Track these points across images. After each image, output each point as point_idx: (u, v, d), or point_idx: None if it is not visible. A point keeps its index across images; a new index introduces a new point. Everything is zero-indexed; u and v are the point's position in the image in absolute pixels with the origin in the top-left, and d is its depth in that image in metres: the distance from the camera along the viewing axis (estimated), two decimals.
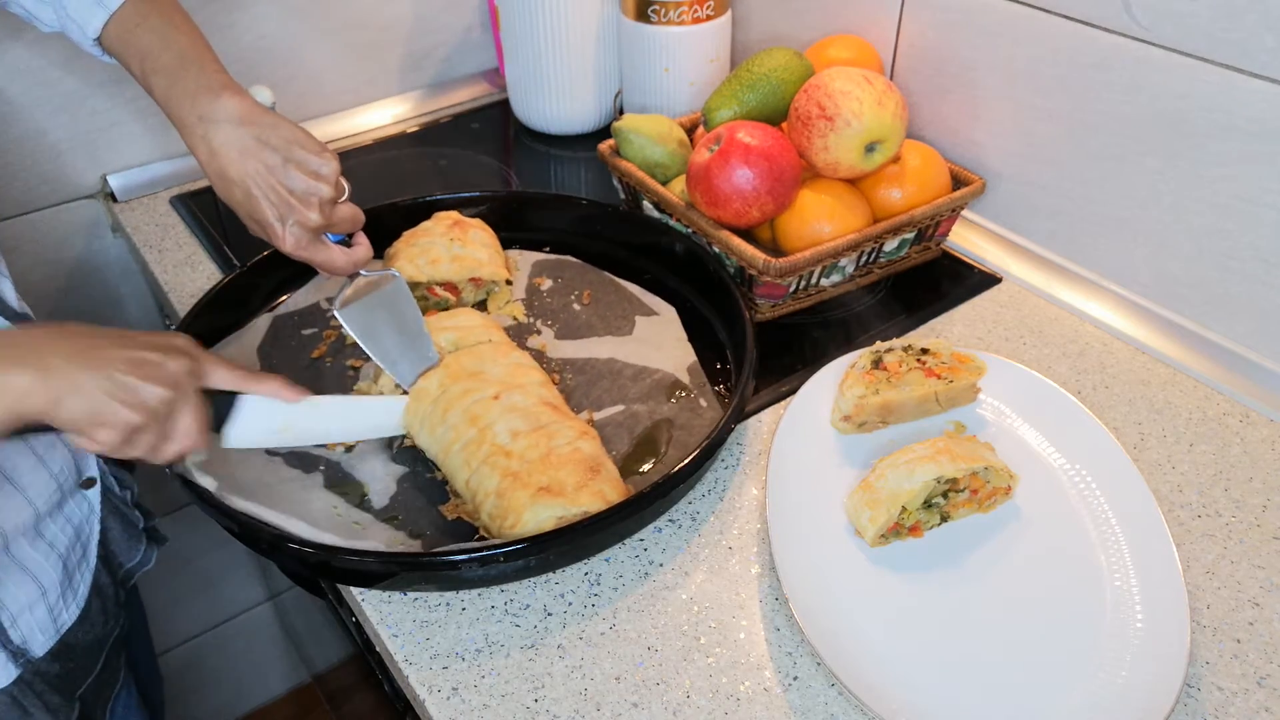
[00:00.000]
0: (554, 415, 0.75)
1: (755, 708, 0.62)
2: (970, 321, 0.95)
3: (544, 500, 0.68)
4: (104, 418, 0.58)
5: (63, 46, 1.08)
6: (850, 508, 0.72)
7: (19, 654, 0.72)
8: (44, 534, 0.77)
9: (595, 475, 0.70)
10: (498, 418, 0.73)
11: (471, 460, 0.72)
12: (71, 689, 0.79)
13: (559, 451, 0.71)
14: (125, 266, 1.23)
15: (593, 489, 0.69)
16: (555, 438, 0.72)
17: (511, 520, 0.68)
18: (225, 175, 0.74)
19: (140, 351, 0.60)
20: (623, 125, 0.99)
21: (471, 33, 1.39)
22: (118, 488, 0.89)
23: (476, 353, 0.80)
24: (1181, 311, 0.90)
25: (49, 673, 0.76)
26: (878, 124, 0.88)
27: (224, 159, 0.74)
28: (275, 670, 1.73)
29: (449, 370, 0.78)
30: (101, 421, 0.58)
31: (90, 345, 0.59)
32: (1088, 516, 0.73)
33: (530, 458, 0.71)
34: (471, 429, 0.73)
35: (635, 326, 0.91)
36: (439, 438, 0.75)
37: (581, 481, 0.69)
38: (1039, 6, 0.91)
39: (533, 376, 0.79)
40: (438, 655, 0.66)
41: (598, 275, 0.97)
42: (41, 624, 0.75)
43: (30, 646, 0.74)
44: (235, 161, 0.74)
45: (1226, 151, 0.82)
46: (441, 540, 0.71)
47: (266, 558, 0.78)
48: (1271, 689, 0.63)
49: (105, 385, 0.58)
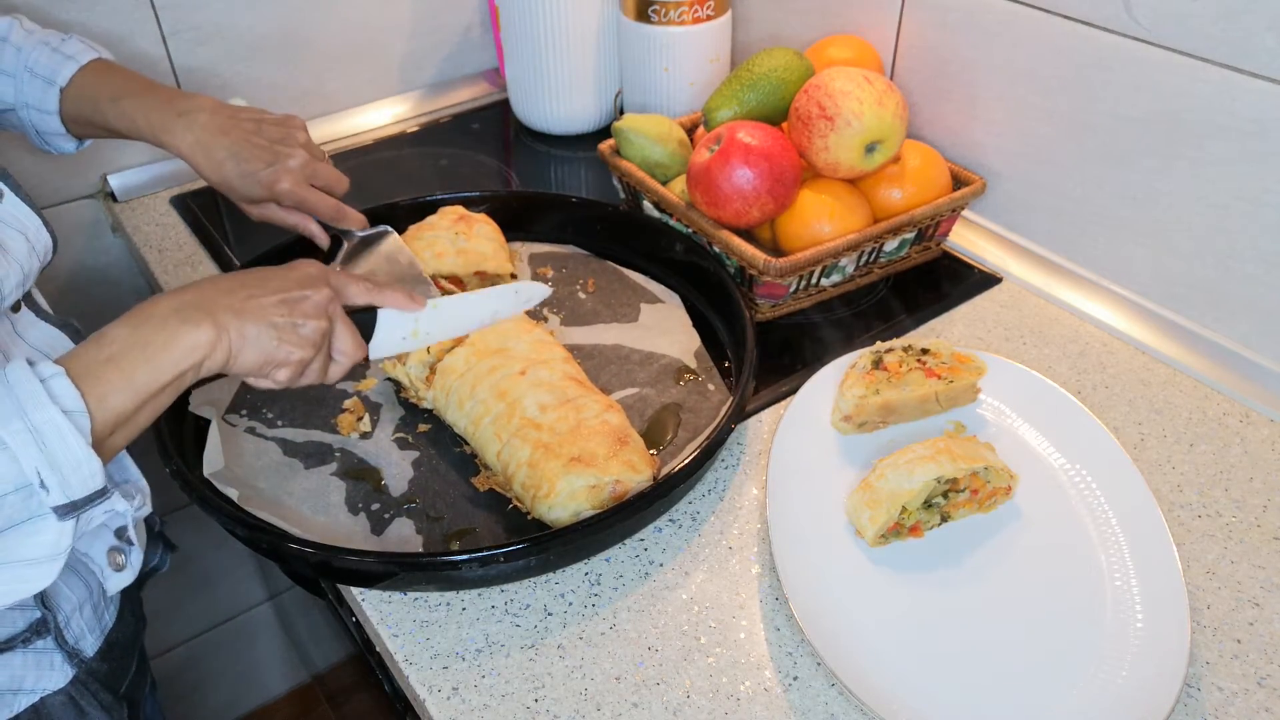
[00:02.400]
0: (580, 390, 0.77)
1: (755, 708, 0.62)
2: (970, 321, 0.95)
3: (576, 470, 0.70)
4: (276, 359, 0.62)
5: None
6: (850, 508, 0.72)
7: (74, 654, 0.73)
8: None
9: (624, 445, 0.73)
10: (526, 392, 0.76)
11: (502, 433, 0.74)
12: (116, 688, 0.79)
13: (588, 424, 0.73)
14: (125, 266, 1.23)
15: (622, 458, 0.72)
16: (583, 410, 0.75)
17: (545, 489, 0.70)
18: (212, 153, 0.83)
19: (288, 291, 0.64)
20: (623, 125, 0.99)
21: (471, 33, 1.39)
22: None
23: (500, 330, 0.81)
24: (1181, 311, 0.90)
25: (99, 672, 0.76)
26: (878, 124, 0.88)
27: (208, 138, 0.83)
28: (275, 670, 1.73)
29: (474, 347, 0.80)
30: (275, 363, 0.62)
31: (247, 296, 0.62)
32: (1088, 516, 0.73)
33: (560, 430, 0.73)
34: (500, 403, 0.75)
35: (640, 313, 0.92)
36: (468, 412, 0.77)
37: (611, 451, 0.72)
38: (1039, 6, 0.91)
39: (556, 352, 0.81)
40: (438, 655, 0.66)
41: (600, 265, 0.98)
42: (89, 624, 0.75)
43: (83, 647, 0.75)
44: (217, 136, 0.83)
45: (1226, 151, 0.82)
46: (460, 521, 0.73)
47: (267, 558, 0.78)
48: (1271, 689, 0.63)
49: (269, 333, 0.61)
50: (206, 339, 0.58)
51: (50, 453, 0.50)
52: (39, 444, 0.50)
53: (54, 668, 0.71)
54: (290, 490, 0.75)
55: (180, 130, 0.83)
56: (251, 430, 0.80)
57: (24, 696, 0.70)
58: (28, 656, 0.69)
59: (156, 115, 0.83)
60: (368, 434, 0.81)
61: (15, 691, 0.69)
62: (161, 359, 0.56)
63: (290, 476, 0.76)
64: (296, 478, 0.76)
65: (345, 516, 0.73)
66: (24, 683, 0.69)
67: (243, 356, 0.60)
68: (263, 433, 0.80)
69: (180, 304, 0.59)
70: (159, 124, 0.83)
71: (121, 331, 0.56)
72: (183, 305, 0.59)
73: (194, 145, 0.83)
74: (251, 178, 0.83)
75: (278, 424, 0.81)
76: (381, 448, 0.79)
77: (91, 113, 0.85)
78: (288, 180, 0.84)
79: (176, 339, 0.57)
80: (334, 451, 0.79)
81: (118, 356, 0.55)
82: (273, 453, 0.78)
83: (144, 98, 0.84)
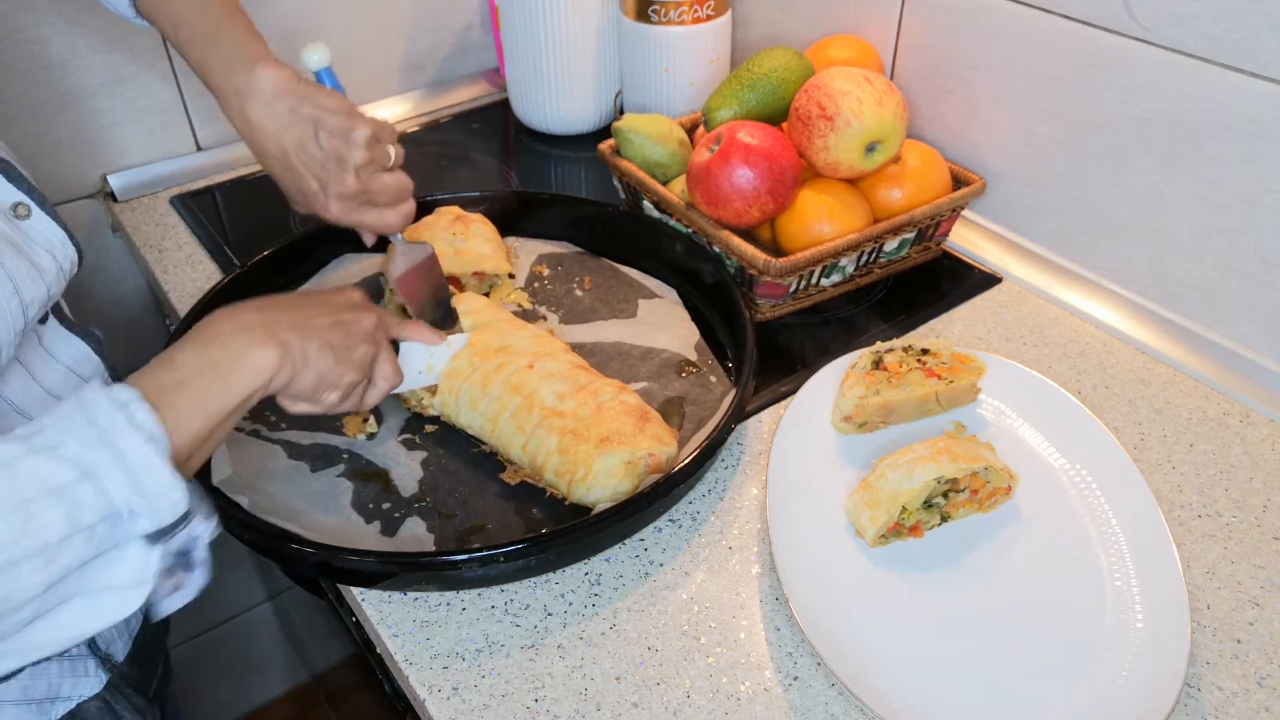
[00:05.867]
0: (590, 376, 0.78)
1: (755, 708, 0.62)
2: (970, 321, 0.95)
3: (609, 449, 0.71)
4: (329, 381, 0.62)
5: (62, 46, 1.08)
6: (850, 508, 0.72)
7: (106, 659, 0.73)
8: None
9: (647, 422, 0.74)
10: (539, 384, 0.76)
11: (525, 426, 0.75)
12: (146, 691, 0.79)
13: (608, 406, 0.75)
14: (125, 266, 1.23)
15: (649, 433, 0.73)
16: (600, 394, 0.76)
17: (582, 472, 0.71)
18: (264, 149, 0.75)
19: (338, 314, 0.64)
20: (623, 125, 0.99)
21: (471, 33, 1.39)
22: None
23: (496, 329, 0.82)
24: (1181, 311, 0.90)
25: (130, 675, 0.76)
26: (878, 124, 0.88)
27: (261, 133, 0.74)
28: (275, 670, 1.73)
29: (477, 348, 0.80)
30: (327, 385, 0.62)
31: (304, 317, 0.61)
32: (1088, 516, 0.73)
33: (583, 415, 0.74)
34: (516, 398, 0.76)
35: (638, 309, 0.93)
36: (483, 411, 0.77)
37: (637, 428, 0.73)
38: (1039, 6, 0.91)
39: (556, 344, 0.82)
40: (438, 655, 0.66)
41: (596, 262, 0.99)
42: (119, 628, 0.75)
43: (114, 651, 0.74)
44: (272, 136, 0.74)
45: (1226, 151, 0.82)
46: (473, 519, 0.74)
47: (267, 558, 0.78)
48: (1271, 689, 0.63)
49: (326, 353, 0.61)
50: (273, 359, 0.58)
51: (137, 480, 0.49)
52: (126, 472, 0.49)
53: (88, 674, 0.71)
54: (299, 493, 0.75)
55: (234, 109, 0.74)
56: (256, 434, 0.80)
57: (61, 704, 0.69)
58: (63, 664, 0.69)
59: (212, 78, 0.75)
60: (373, 435, 0.80)
61: (54, 700, 0.69)
62: (231, 380, 0.56)
63: (298, 479, 0.76)
64: (304, 480, 0.76)
65: (356, 518, 0.73)
66: (61, 690, 0.69)
67: (302, 377, 0.60)
68: (268, 436, 0.80)
69: (244, 323, 0.58)
70: (214, 87, 0.75)
71: (190, 353, 0.56)
72: (247, 324, 0.58)
73: (246, 130, 0.75)
74: (298, 192, 0.77)
75: (281, 427, 0.81)
76: (389, 449, 0.79)
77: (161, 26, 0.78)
78: (336, 207, 0.76)
79: (244, 359, 0.57)
80: (341, 453, 0.79)
81: (189, 380, 0.54)
82: (279, 456, 0.78)
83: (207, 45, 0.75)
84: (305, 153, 0.74)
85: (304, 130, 0.73)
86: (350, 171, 0.74)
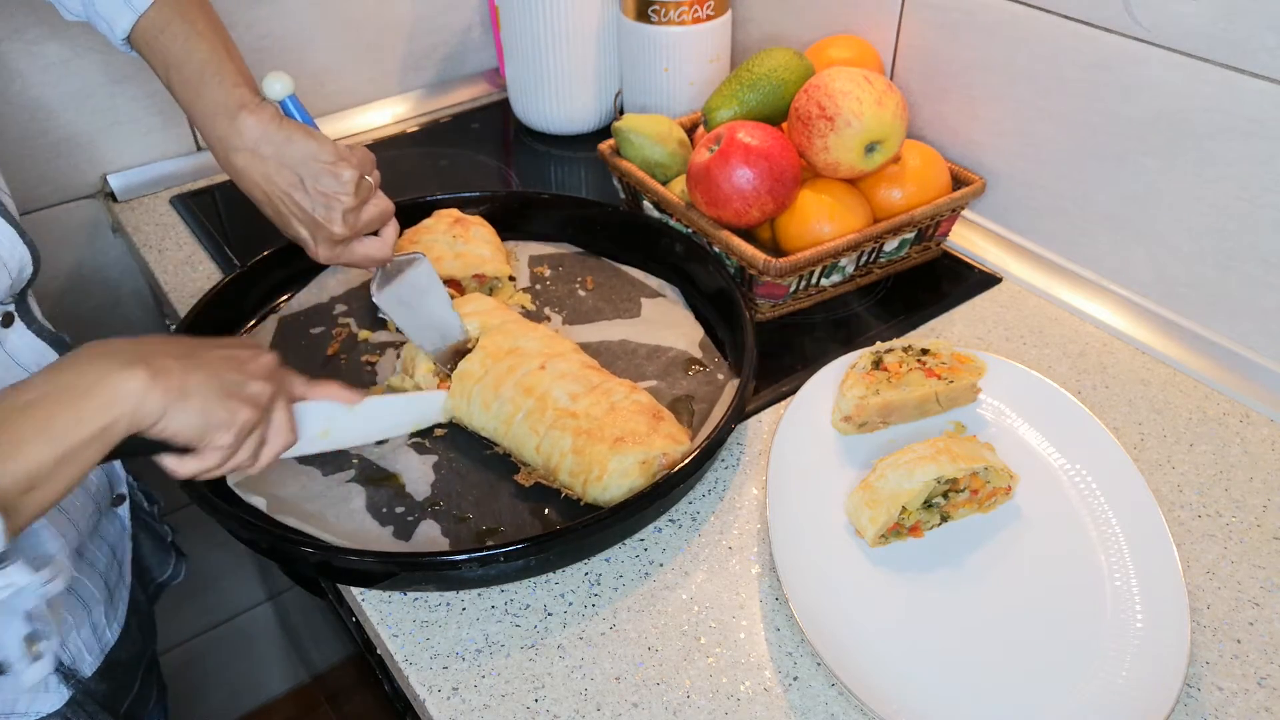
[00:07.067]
0: (601, 376, 0.78)
1: (755, 708, 0.62)
2: (970, 321, 0.95)
3: (623, 449, 0.71)
4: (218, 419, 0.56)
5: (63, 46, 1.08)
6: (850, 508, 0.72)
7: (70, 675, 0.71)
8: (84, 554, 0.76)
9: (660, 421, 0.75)
10: (552, 385, 0.76)
11: (538, 427, 0.75)
12: (117, 708, 0.77)
13: (621, 406, 0.75)
14: (125, 266, 1.23)
15: (663, 432, 0.73)
16: (612, 394, 0.76)
17: (597, 472, 0.71)
18: (252, 195, 0.77)
19: (232, 350, 0.59)
20: (623, 125, 0.99)
21: (471, 33, 1.39)
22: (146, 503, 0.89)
23: (506, 330, 0.82)
24: (1181, 311, 0.90)
25: (98, 692, 0.74)
26: (878, 124, 0.88)
27: (248, 182, 0.76)
28: (275, 670, 1.73)
29: (487, 350, 0.80)
30: (218, 424, 0.56)
31: (190, 349, 0.57)
32: (1088, 516, 0.73)
33: (596, 415, 0.74)
34: (529, 399, 0.76)
35: (642, 308, 0.93)
36: (495, 413, 0.77)
37: (650, 427, 0.73)
38: (1039, 6, 0.91)
39: (566, 344, 0.82)
40: (438, 655, 0.66)
41: (597, 262, 0.99)
42: (88, 644, 0.74)
43: (80, 667, 0.73)
44: (258, 184, 0.75)
45: (1226, 151, 0.82)
46: (486, 520, 0.73)
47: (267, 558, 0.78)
48: (1271, 689, 0.63)
49: (212, 385, 0.56)
50: (137, 384, 0.52)
51: None
52: None
53: (49, 689, 0.69)
54: (311, 498, 0.74)
55: (221, 156, 0.76)
56: None
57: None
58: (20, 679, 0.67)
59: (198, 123, 0.76)
60: (383, 440, 0.80)
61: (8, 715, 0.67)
62: (84, 406, 0.50)
63: (309, 484, 0.75)
64: (315, 485, 0.75)
65: (370, 522, 0.72)
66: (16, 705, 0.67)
67: (181, 413, 0.54)
68: None
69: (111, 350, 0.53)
70: (202, 131, 0.76)
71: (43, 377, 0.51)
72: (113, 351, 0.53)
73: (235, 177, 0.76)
74: (291, 235, 0.78)
75: None
76: (399, 453, 0.78)
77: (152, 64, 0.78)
78: (325, 250, 0.77)
79: (102, 383, 0.51)
80: (351, 459, 0.78)
81: (36, 403, 0.49)
82: (289, 462, 0.77)
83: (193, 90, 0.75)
84: (292, 201, 0.75)
85: (289, 179, 0.74)
86: (339, 220, 0.75)
